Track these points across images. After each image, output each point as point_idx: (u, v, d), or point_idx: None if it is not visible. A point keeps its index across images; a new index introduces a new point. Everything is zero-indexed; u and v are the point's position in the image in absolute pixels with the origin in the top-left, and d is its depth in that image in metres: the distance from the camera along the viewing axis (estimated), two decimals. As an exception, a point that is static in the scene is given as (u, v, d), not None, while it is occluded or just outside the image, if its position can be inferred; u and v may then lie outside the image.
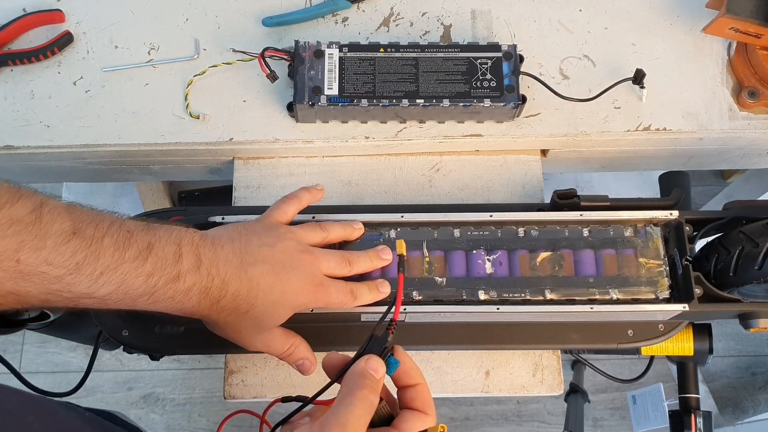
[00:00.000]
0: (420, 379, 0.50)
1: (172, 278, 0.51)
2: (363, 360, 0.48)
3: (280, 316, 0.57)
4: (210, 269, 0.53)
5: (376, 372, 0.47)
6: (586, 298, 0.66)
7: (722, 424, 1.59)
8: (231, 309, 0.55)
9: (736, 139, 0.79)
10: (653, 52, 0.81)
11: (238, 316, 0.56)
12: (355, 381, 0.46)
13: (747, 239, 0.65)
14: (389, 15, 0.82)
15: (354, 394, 0.45)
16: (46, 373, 1.64)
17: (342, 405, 0.45)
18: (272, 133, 0.77)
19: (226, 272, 0.54)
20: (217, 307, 0.54)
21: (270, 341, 0.59)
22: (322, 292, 0.59)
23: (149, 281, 0.50)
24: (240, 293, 0.54)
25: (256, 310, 0.56)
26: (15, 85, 0.77)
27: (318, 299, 0.59)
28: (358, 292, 0.62)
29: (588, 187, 1.38)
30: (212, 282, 0.53)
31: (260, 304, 0.56)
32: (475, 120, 0.77)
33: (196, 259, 0.53)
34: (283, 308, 0.57)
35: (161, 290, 0.51)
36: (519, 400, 1.65)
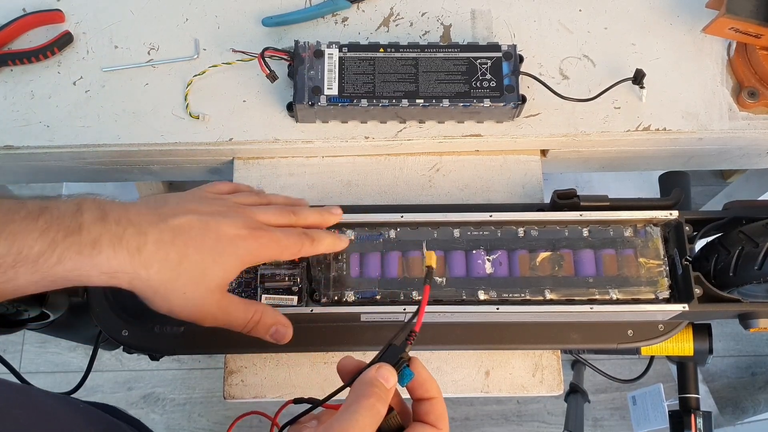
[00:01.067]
0: (436, 393, 0.48)
1: (72, 231, 0.47)
2: (374, 368, 0.46)
3: (223, 265, 0.52)
4: (119, 220, 0.49)
5: (387, 381, 0.45)
6: (586, 298, 0.66)
7: (722, 424, 1.59)
8: (160, 261, 0.50)
9: (736, 139, 0.79)
10: (653, 52, 0.81)
11: (171, 271, 0.50)
12: (364, 389, 0.45)
13: (747, 239, 0.65)
14: (389, 15, 0.82)
15: (360, 402, 0.44)
16: (46, 373, 1.64)
17: (347, 413, 0.44)
18: (272, 133, 0.77)
19: (140, 222, 0.49)
20: (140, 259, 0.49)
21: (227, 306, 0.54)
22: (266, 236, 0.54)
23: (45, 237, 0.46)
24: (163, 241, 0.50)
25: (190, 259, 0.50)
26: (15, 85, 0.77)
27: (264, 245, 0.54)
28: (315, 235, 0.57)
29: (588, 187, 1.38)
30: (124, 231, 0.49)
31: (194, 252, 0.50)
32: (474, 120, 0.77)
33: (100, 212, 0.49)
34: (224, 256, 0.52)
35: (63, 245, 0.46)
36: (519, 400, 1.65)
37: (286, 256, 0.57)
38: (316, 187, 0.78)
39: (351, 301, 0.65)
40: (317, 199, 0.77)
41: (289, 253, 0.57)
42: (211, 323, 0.54)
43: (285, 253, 0.56)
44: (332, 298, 0.65)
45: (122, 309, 0.68)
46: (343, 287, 0.65)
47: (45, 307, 0.72)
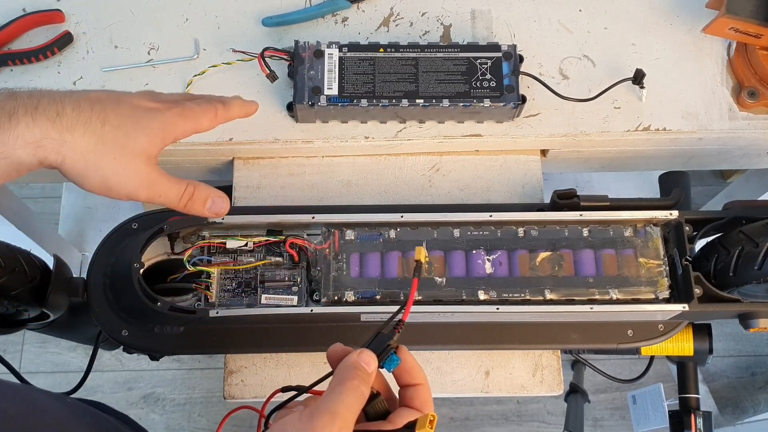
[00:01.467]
0: (422, 379, 0.50)
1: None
2: (356, 353, 0.48)
3: (143, 132, 0.53)
4: (31, 94, 0.50)
5: (368, 365, 0.47)
6: (586, 298, 0.66)
7: (722, 424, 1.59)
8: (82, 125, 0.50)
9: (736, 139, 0.79)
10: (653, 52, 0.81)
11: (96, 135, 0.51)
12: (347, 372, 0.46)
13: (747, 239, 0.65)
14: (389, 15, 0.82)
15: (344, 384, 0.45)
16: (46, 373, 1.64)
17: (333, 394, 0.45)
18: (272, 133, 0.77)
19: (53, 94, 0.50)
20: (63, 124, 0.50)
21: (159, 177, 0.54)
22: (177, 107, 0.56)
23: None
24: (82, 108, 0.50)
25: (112, 123, 0.52)
26: (15, 85, 0.76)
27: (177, 114, 0.55)
28: (226, 100, 0.59)
29: (588, 187, 1.38)
30: (38, 101, 0.49)
31: (113, 117, 0.52)
32: (474, 120, 0.77)
33: (8, 92, 0.50)
34: (143, 122, 0.53)
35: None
36: (519, 400, 1.65)
37: (204, 124, 0.58)
38: (316, 187, 0.78)
39: (351, 301, 0.65)
40: (317, 199, 0.77)
41: (205, 119, 0.57)
42: (146, 194, 0.54)
43: (202, 121, 0.57)
44: (332, 298, 0.65)
45: (122, 309, 0.68)
46: (343, 287, 0.65)
47: (45, 307, 0.72)
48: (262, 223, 0.69)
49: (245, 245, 0.68)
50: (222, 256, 0.68)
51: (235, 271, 0.68)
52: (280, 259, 0.68)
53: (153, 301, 0.65)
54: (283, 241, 0.68)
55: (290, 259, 0.68)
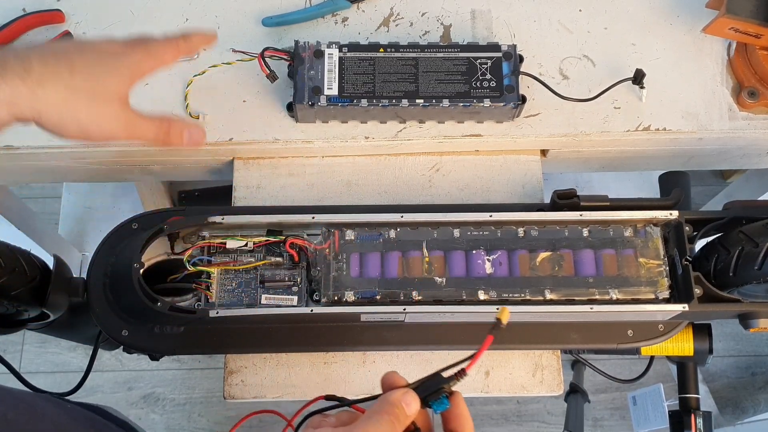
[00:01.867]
0: (469, 429, 0.50)
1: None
2: (401, 390, 0.48)
3: (113, 74, 0.54)
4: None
5: (408, 406, 0.47)
6: (586, 298, 0.66)
7: (722, 424, 1.59)
8: (52, 77, 0.51)
9: (736, 139, 0.79)
10: (653, 52, 0.81)
11: (67, 86, 0.51)
12: (386, 405, 0.47)
13: (747, 239, 0.65)
14: (389, 15, 0.82)
15: (380, 415, 0.46)
16: (46, 373, 1.64)
17: (369, 420, 0.46)
18: (272, 133, 0.77)
19: (18, 51, 0.51)
20: (32, 79, 0.50)
21: (134, 117, 0.56)
22: (140, 47, 0.57)
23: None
24: (48, 62, 0.51)
25: (81, 71, 0.52)
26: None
27: (142, 52, 0.56)
28: (185, 32, 0.60)
29: (588, 187, 1.38)
30: (5, 61, 0.50)
31: (80, 65, 0.52)
32: (474, 120, 0.77)
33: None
34: (111, 63, 0.54)
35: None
36: (519, 400, 1.65)
37: (167, 59, 0.59)
38: (316, 187, 0.78)
39: (351, 301, 0.65)
40: (317, 199, 0.77)
41: (169, 54, 0.58)
42: (125, 135, 0.56)
43: (166, 56, 0.58)
44: (332, 298, 0.65)
45: (122, 309, 0.68)
46: (343, 287, 0.65)
47: (45, 307, 0.72)
48: (262, 223, 0.69)
49: (245, 245, 0.68)
50: (222, 256, 0.68)
51: (235, 271, 0.68)
52: (280, 259, 0.68)
53: (153, 301, 0.65)
54: (283, 241, 0.68)
55: (290, 259, 0.68)
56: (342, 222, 0.68)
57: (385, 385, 0.50)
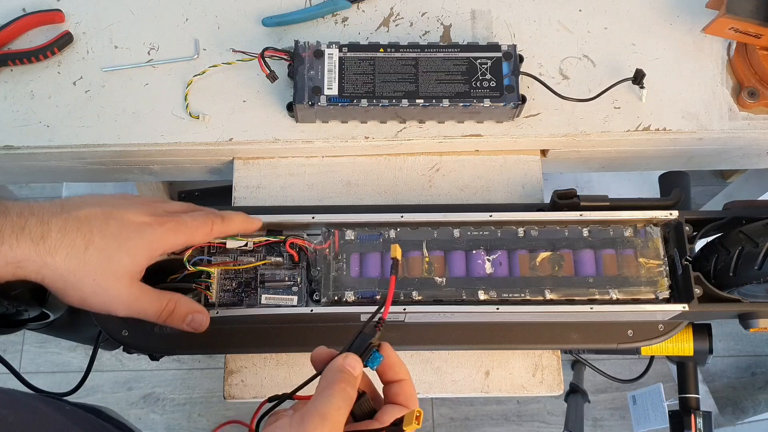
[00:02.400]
0: (405, 375, 0.51)
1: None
2: (341, 357, 0.49)
3: (129, 251, 0.53)
4: (21, 212, 0.50)
5: (353, 369, 0.48)
6: (586, 298, 0.66)
7: (722, 424, 1.59)
8: (66, 247, 0.51)
9: (736, 139, 0.79)
10: (653, 52, 0.81)
11: (78, 258, 0.51)
12: (333, 375, 0.47)
13: (747, 239, 0.65)
14: (389, 15, 0.82)
15: (332, 387, 0.46)
16: (46, 373, 1.64)
17: (321, 397, 0.46)
18: (272, 133, 0.77)
19: (42, 213, 0.51)
20: (45, 247, 0.50)
21: (139, 294, 0.55)
22: (171, 221, 0.55)
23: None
24: (67, 229, 0.51)
25: (96, 245, 0.52)
26: (15, 85, 0.77)
27: (170, 229, 0.55)
28: (225, 214, 0.58)
29: (588, 187, 1.38)
30: (26, 222, 0.50)
31: (99, 239, 0.52)
32: (474, 120, 0.77)
33: (1, 207, 0.50)
34: (130, 241, 0.53)
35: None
36: (519, 400, 1.65)
37: (198, 238, 0.58)
38: (316, 187, 0.78)
39: (351, 301, 0.65)
40: (317, 199, 0.77)
41: (200, 234, 0.57)
42: (125, 313, 0.55)
43: (196, 235, 0.57)
44: (332, 298, 0.65)
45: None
46: (343, 287, 0.65)
47: (45, 307, 0.72)
48: (262, 223, 0.69)
49: (245, 245, 0.68)
50: (222, 256, 0.68)
51: (235, 271, 0.68)
52: (280, 259, 0.68)
53: (153, 301, 0.65)
54: (283, 241, 0.68)
55: (290, 259, 0.68)
56: (342, 222, 0.68)
57: (318, 361, 0.51)
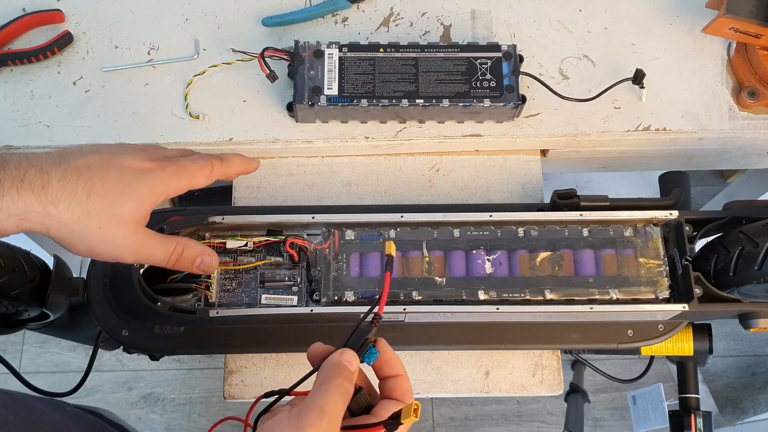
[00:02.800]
0: (401, 370, 0.51)
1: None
2: (338, 353, 0.49)
3: (132, 196, 0.52)
4: (20, 164, 0.49)
5: (350, 364, 0.48)
6: (586, 298, 0.66)
7: (722, 424, 1.59)
8: (67, 196, 0.50)
9: (736, 139, 0.79)
10: (653, 52, 0.81)
11: (81, 206, 0.50)
12: (330, 370, 0.48)
13: (747, 239, 0.65)
14: (389, 15, 0.82)
15: (330, 381, 0.47)
16: (46, 373, 1.64)
17: (319, 392, 0.46)
18: (272, 133, 0.77)
19: (41, 164, 0.50)
20: (47, 197, 0.49)
21: (146, 239, 0.54)
22: (172, 165, 0.54)
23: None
24: (67, 178, 0.50)
25: (98, 192, 0.51)
26: (15, 85, 0.77)
27: (172, 173, 0.54)
28: (224, 156, 0.58)
29: (588, 187, 1.38)
30: (25, 173, 0.49)
31: (100, 186, 0.51)
32: (474, 120, 0.77)
33: (0, 161, 0.49)
34: (132, 186, 0.52)
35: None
36: (519, 400, 1.65)
37: (199, 181, 0.57)
38: (316, 187, 0.78)
39: (351, 301, 0.65)
40: (317, 199, 0.78)
41: (201, 176, 0.56)
42: (133, 258, 0.54)
43: (197, 177, 0.56)
44: (332, 298, 0.65)
45: (122, 309, 0.68)
46: (343, 287, 0.65)
47: (45, 307, 0.72)
48: (262, 223, 0.69)
49: (245, 245, 0.68)
50: (222, 256, 0.68)
51: (235, 271, 0.68)
52: (280, 259, 0.68)
53: (153, 301, 0.65)
54: (283, 241, 0.68)
55: (290, 259, 0.68)
56: (342, 222, 0.68)
57: (314, 357, 0.51)
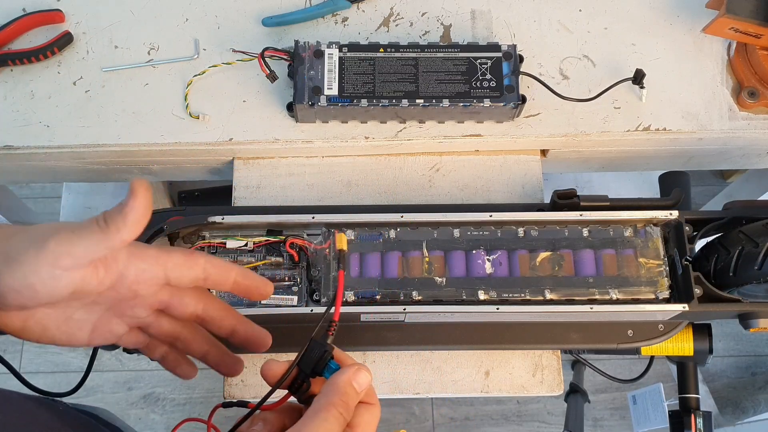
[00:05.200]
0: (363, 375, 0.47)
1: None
2: (352, 370, 0.45)
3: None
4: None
5: (360, 387, 0.44)
6: (586, 298, 0.66)
7: (722, 424, 1.59)
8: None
9: (736, 139, 0.79)
10: (653, 52, 0.81)
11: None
12: (334, 396, 0.43)
13: (747, 239, 0.65)
14: (389, 15, 0.82)
15: (329, 410, 0.43)
16: (46, 373, 1.64)
17: (316, 419, 0.42)
18: (272, 133, 0.77)
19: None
20: None
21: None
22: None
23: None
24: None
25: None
26: (15, 85, 0.77)
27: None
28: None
29: (588, 187, 1.38)
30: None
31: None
32: (474, 120, 0.77)
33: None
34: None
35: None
36: (519, 400, 1.65)
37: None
38: (316, 187, 0.78)
39: (351, 301, 0.65)
40: (317, 199, 0.77)
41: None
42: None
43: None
44: (332, 298, 0.65)
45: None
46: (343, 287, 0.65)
47: (45, 307, 0.72)
48: (262, 223, 0.69)
49: (245, 245, 0.68)
50: (222, 256, 0.68)
51: (235, 271, 0.68)
52: (280, 259, 0.68)
53: (153, 301, 0.65)
54: (283, 241, 0.68)
55: (290, 259, 0.68)
56: (342, 222, 0.68)
57: (270, 377, 0.46)
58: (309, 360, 0.46)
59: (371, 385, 0.46)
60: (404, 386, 0.73)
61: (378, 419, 0.46)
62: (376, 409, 0.46)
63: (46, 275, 0.42)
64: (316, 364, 0.45)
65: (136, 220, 0.43)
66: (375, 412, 0.46)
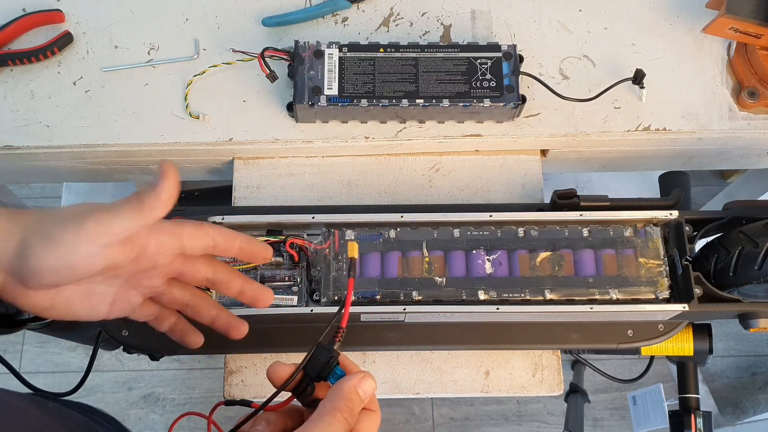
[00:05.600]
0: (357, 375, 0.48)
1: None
2: (358, 377, 0.46)
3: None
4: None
5: (366, 394, 0.45)
6: (586, 298, 0.66)
7: (722, 424, 1.59)
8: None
9: (736, 139, 0.79)
10: (653, 52, 0.81)
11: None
12: (339, 401, 0.44)
13: (747, 239, 0.65)
14: (389, 15, 0.82)
15: (334, 414, 0.44)
16: (46, 373, 1.64)
17: (320, 423, 0.43)
18: (272, 133, 0.77)
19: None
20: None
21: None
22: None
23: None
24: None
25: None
26: (15, 85, 0.77)
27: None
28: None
29: (588, 187, 1.38)
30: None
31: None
32: (474, 120, 0.77)
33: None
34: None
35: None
36: (519, 400, 1.65)
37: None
38: (316, 187, 0.78)
39: (351, 301, 0.65)
40: (317, 199, 0.77)
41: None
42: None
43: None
44: (332, 298, 0.65)
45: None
46: (343, 287, 0.65)
47: (45, 307, 0.72)
48: (262, 223, 0.69)
49: (245, 245, 0.68)
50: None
51: (235, 271, 0.68)
52: (280, 259, 0.68)
53: (153, 301, 0.65)
54: (283, 241, 0.68)
55: (290, 259, 0.68)
56: (342, 222, 0.68)
57: (276, 380, 0.47)
58: (315, 364, 0.47)
59: (374, 395, 0.47)
60: (404, 386, 0.73)
61: (378, 426, 0.47)
62: (377, 416, 0.47)
63: (85, 253, 0.45)
64: (321, 369, 0.46)
65: (168, 198, 0.46)
66: (376, 419, 0.47)
